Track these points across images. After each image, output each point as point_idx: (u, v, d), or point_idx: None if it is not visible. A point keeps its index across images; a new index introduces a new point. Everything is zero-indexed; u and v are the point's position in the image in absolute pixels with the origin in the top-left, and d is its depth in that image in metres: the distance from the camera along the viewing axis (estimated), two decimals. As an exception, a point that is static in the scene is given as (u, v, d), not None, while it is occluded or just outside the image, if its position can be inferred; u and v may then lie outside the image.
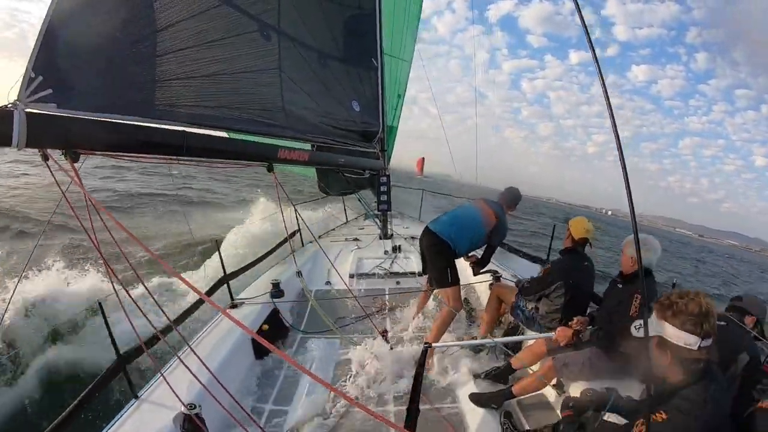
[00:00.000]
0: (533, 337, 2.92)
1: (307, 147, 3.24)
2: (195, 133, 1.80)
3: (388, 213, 5.11)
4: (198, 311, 2.78)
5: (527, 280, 3.21)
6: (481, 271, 3.53)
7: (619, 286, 2.35)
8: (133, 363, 2.02)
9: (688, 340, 1.20)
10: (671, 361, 1.25)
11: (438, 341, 2.97)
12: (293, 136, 2.63)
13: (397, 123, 6.10)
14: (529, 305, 2.99)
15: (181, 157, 1.72)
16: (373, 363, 2.84)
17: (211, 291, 3.14)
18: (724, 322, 1.88)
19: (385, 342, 2.99)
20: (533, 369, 2.70)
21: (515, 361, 2.67)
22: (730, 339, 1.82)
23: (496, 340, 3.06)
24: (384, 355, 2.89)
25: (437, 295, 3.62)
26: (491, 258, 3.43)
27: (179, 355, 1.87)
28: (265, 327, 3.05)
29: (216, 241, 3.33)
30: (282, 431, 2.22)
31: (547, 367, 2.36)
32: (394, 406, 2.48)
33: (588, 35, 1.04)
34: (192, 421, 1.73)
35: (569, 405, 1.83)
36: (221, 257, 3.28)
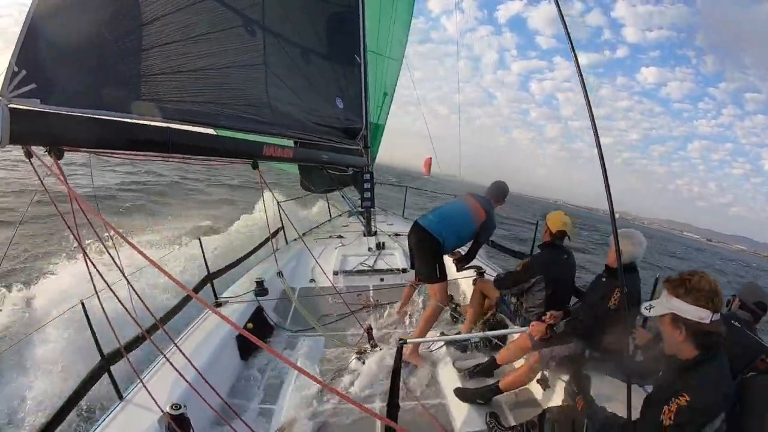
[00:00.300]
0: (509, 332, 3.00)
1: (290, 144, 3.24)
2: (181, 130, 1.78)
3: (371, 210, 5.13)
4: (180, 312, 2.74)
5: (502, 273, 3.27)
6: (465, 267, 3.55)
7: (604, 279, 2.38)
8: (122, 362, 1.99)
9: (702, 314, 1.27)
10: (685, 337, 1.31)
11: (424, 336, 3.00)
12: (279, 132, 2.62)
13: (384, 121, 6.10)
14: (513, 300, 3.04)
15: (167, 155, 1.70)
16: (358, 361, 2.88)
17: (195, 290, 3.09)
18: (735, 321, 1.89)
19: (370, 339, 3.02)
20: (519, 364, 2.77)
21: (500, 357, 2.71)
22: (744, 339, 1.81)
23: (472, 335, 3.13)
24: (368, 353, 2.93)
25: (425, 290, 3.64)
26: (476, 254, 3.45)
27: (165, 354, 1.86)
28: (250, 326, 3.04)
29: (199, 239, 3.28)
30: (268, 430, 2.22)
31: (534, 361, 2.39)
32: (380, 402, 2.51)
33: (568, 35, 1.09)
34: (177, 422, 1.71)
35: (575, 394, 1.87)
36: (204, 256, 3.24)
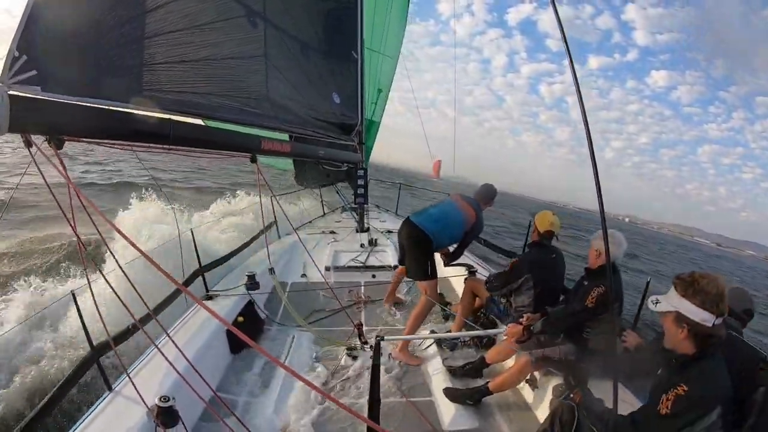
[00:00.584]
0: (492, 332, 3.03)
1: (285, 138, 3.22)
2: (182, 122, 1.75)
3: (364, 206, 5.14)
4: (170, 305, 2.72)
5: (495, 274, 3.31)
6: (453, 263, 3.60)
7: (585, 283, 2.39)
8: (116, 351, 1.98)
9: (705, 317, 1.29)
10: (686, 336, 1.33)
11: (413, 333, 3.03)
12: (277, 126, 2.60)
13: (379, 118, 6.12)
14: (503, 299, 3.07)
15: (168, 146, 1.68)
16: (348, 357, 2.90)
17: (186, 283, 3.07)
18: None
19: (360, 335, 3.03)
20: (509, 363, 2.77)
21: (489, 356, 2.73)
22: (742, 348, 1.76)
23: (453, 334, 3.17)
24: (358, 349, 2.95)
25: (415, 289, 3.67)
26: (464, 252, 3.51)
27: (157, 344, 1.85)
28: (241, 319, 3.03)
29: (191, 231, 3.24)
30: (256, 424, 2.22)
31: (524, 363, 2.39)
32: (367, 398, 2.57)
33: (565, 40, 1.11)
34: (166, 414, 1.71)
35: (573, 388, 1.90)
36: (196, 248, 3.21)
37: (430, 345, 3.14)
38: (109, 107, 1.45)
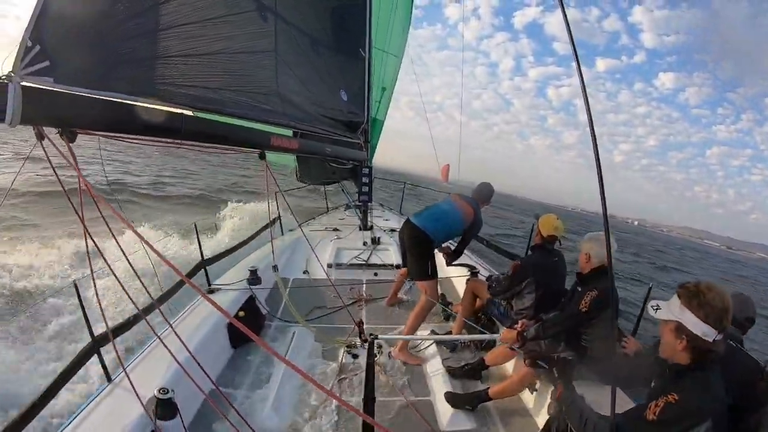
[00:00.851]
0: (487, 337, 3.03)
1: (289, 133, 3.20)
2: (194, 117, 1.74)
3: (368, 204, 5.12)
4: (171, 298, 2.73)
5: (496, 278, 3.32)
6: (454, 263, 3.63)
7: (579, 289, 2.37)
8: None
9: (707, 332, 1.23)
10: (684, 348, 1.28)
11: (413, 333, 3.06)
12: (287, 123, 2.58)
13: (383, 117, 6.10)
14: (504, 301, 3.08)
15: (179, 141, 1.66)
16: (348, 354, 2.91)
17: (188, 276, 3.08)
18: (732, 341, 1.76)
19: (360, 333, 3.05)
20: (510, 365, 2.78)
21: (488, 359, 2.73)
22: (742, 359, 1.74)
23: (449, 336, 3.20)
24: (358, 347, 2.96)
25: (416, 286, 3.72)
26: (465, 250, 3.54)
27: (159, 335, 1.85)
28: (242, 313, 3.03)
29: (195, 225, 3.25)
30: (255, 418, 2.22)
31: (525, 373, 2.38)
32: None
33: (572, 43, 1.09)
34: (164, 406, 1.71)
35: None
36: (199, 242, 3.20)
37: (429, 345, 3.16)
38: (122, 100, 1.42)
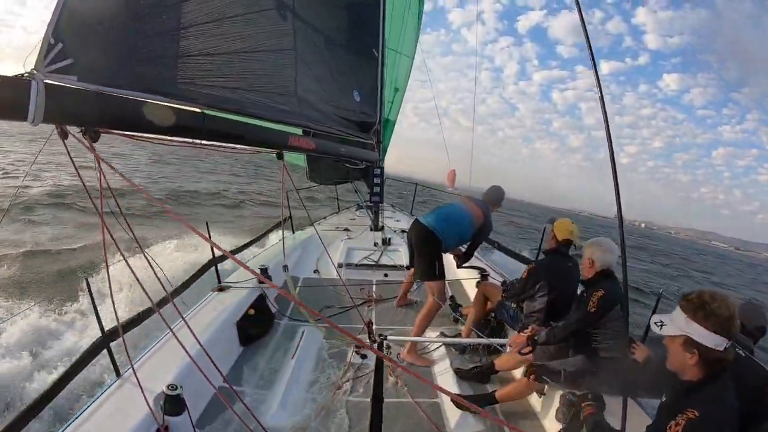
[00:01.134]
0: (497, 342, 2.99)
1: (300, 132, 3.19)
2: (214, 116, 1.71)
3: (379, 205, 5.11)
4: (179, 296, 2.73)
5: (511, 282, 3.30)
6: (464, 266, 3.62)
7: (585, 295, 2.36)
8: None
9: (718, 341, 1.22)
10: (697, 362, 1.25)
11: (421, 335, 3.05)
12: (305, 123, 2.55)
13: (394, 117, 6.08)
14: (513, 304, 3.07)
15: (200, 141, 1.63)
16: (356, 355, 2.92)
17: (199, 273, 3.10)
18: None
19: (370, 334, 3.05)
20: (518, 372, 2.73)
21: (498, 363, 2.71)
22: (751, 368, 1.71)
23: (458, 339, 3.19)
24: (367, 348, 2.97)
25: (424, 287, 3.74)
26: (475, 253, 3.55)
27: (172, 328, 1.85)
28: (251, 312, 3.06)
29: (206, 224, 3.27)
30: (263, 416, 2.23)
31: (533, 378, 2.35)
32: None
33: (589, 45, 1.05)
34: (173, 402, 1.71)
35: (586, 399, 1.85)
36: (211, 240, 3.23)
37: (438, 347, 3.15)
38: (146, 99, 1.39)
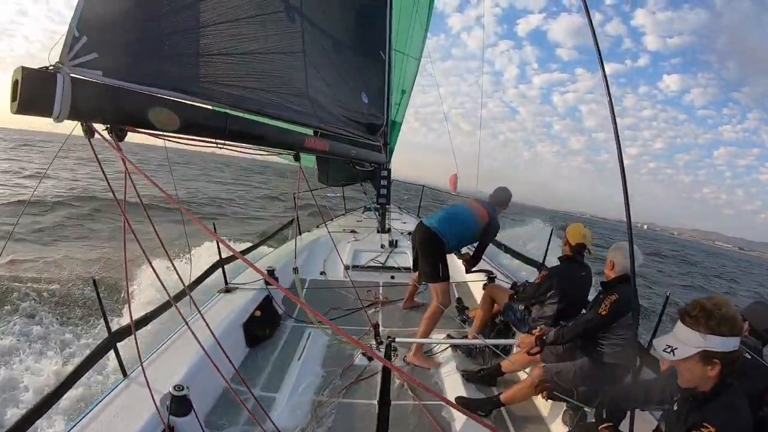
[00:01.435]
0: (504, 342, 3.00)
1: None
2: (237, 116, 1.67)
3: (386, 207, 5.08)
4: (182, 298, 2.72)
5: (523, 284, 3.23)
6: (473, 270, 3.59)
7: (601, 297, 2.33)
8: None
9: (735, 343, 1.19)
10: (719, 371, 1.20)
11: (426, 336, 3.02)
12: (317, 125, 2.52)
13: (401, 119, 6.08)
14: (521, 307, 3.03)
15: (222, 141, 1.59)
16: (363, 357, 2.89)
17: (206, 275, 3.07)
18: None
19: (376, 335, 3.01)
20: (523, 374, 2.70)
21: (505, 365, 2.67)
22: (758, 369, 1.70)
23: (465, 341, 3.15)
24: (374, 349, 2.95)
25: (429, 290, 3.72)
26: (483, 256, 3.52)
27: (181, 327, 1.79)
28: (258, 313, 3.04)
29: (213, 224, 3.24)
30: (268, 418, 2.19)
31: (537, 376, 2.34)
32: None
33: (597, 45, 1.03)
34: (179, 403, 1.69)
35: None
36: (218, 241, 3.21)
37: (445, 349, 3.12)
38: (172, 98, 1.34)
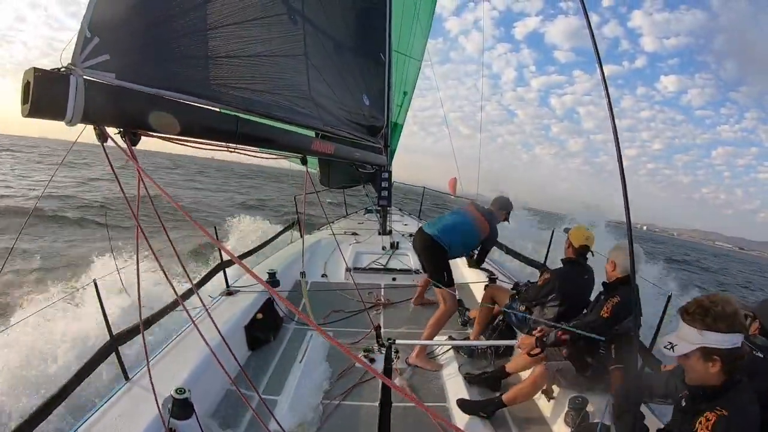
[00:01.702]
0: (504, 343, 3.00)
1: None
2: (247, 120, 1.65)
3: (387, 209, 5.08)
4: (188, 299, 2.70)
5: (525, 284, 3.24)
6: (476, 267, 3.67)
7: (602, 297, 2.36)
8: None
9: (735, 340, 1.20)
10: (720, 368, 1.22)
11: (430, 339, 3.03)
12: (322, 128, 2.51)
13: (402, 121, 6.09)
14: (522, 308, 3.04)
15: (233, 145, 1.57)
16: (364, 358, 2.88)
17: (207, 278, 3.06)
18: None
19: (378, 338, 2.99)
20: (525, 375, 2.70)
21: (509, 366, 2.67)
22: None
23: (467, 342, 3.16)
24: (376, 352, 2.96)
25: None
26: (485, 258, 3.60)
27: (182, 330, 1.76)
28: (259, 316, 3.03)
29: (215, 228, 3.22)
30: (271, 420, 2.17)
31: (538, 375, 2.35)
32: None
33: (595, 47, 1.03)
34: (180, 406, 1.68)
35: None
36: (219, 244, 3.21)
37: (447, 351, 3.12)
38: (185, 101, 1.32)
